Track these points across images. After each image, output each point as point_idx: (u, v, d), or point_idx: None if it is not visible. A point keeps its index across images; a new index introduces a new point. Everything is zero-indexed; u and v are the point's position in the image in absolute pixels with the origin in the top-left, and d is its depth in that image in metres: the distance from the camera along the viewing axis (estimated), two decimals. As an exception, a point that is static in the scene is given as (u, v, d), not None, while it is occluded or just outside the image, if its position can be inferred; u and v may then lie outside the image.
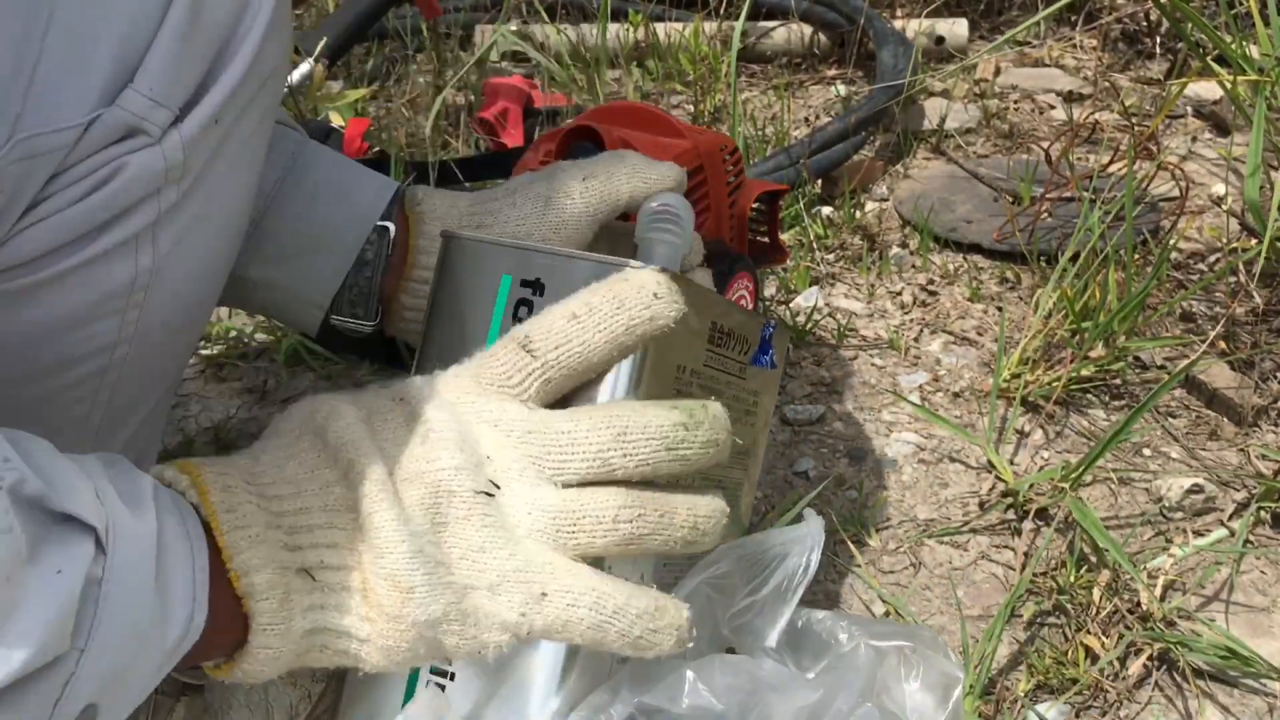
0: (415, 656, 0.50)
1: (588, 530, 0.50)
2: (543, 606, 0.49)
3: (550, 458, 0.50)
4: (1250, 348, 0.99)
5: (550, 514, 0.50)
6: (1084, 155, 1.33)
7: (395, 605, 0.48)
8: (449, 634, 0.50)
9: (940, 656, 0.65)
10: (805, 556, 0.64)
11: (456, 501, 0.50)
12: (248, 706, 0.64)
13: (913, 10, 1.66)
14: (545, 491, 0.50)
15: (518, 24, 1.62)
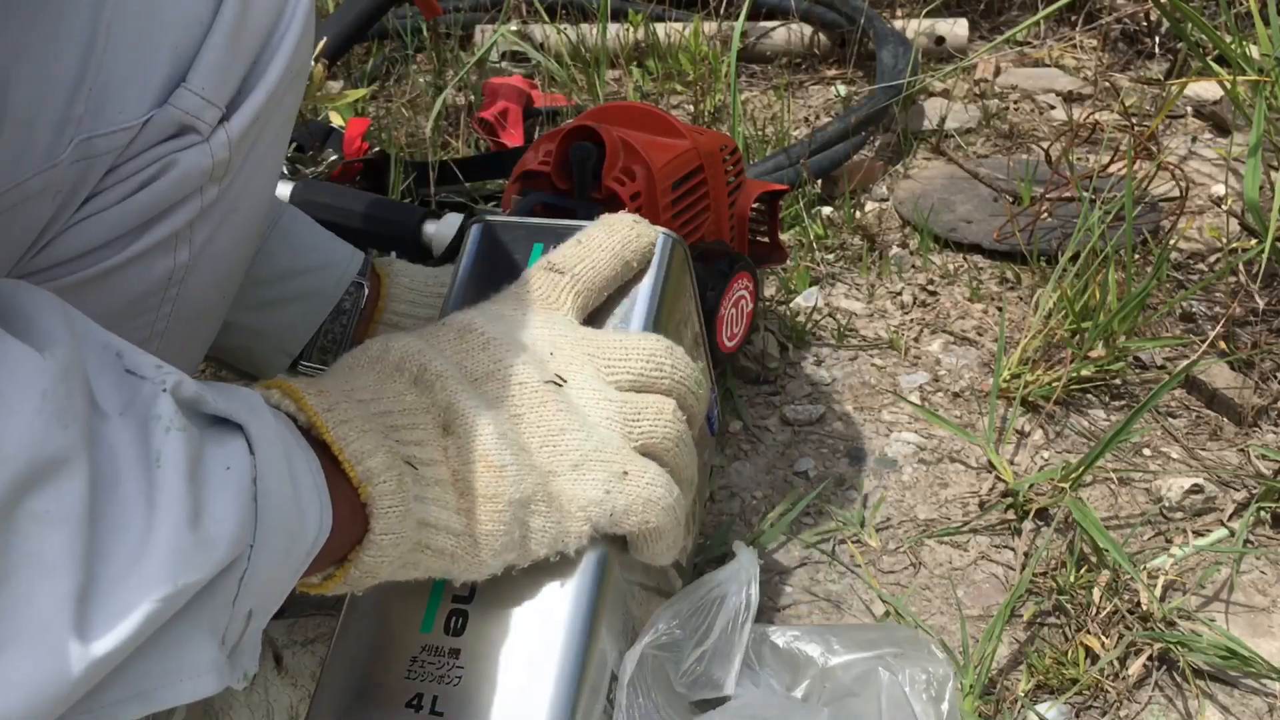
0: (509, 542, 0.50)
1: (649, 423, 0.54)
2: (625, 485, 0.53)
3: (606, 358, 0.55)
4: (1250, 348, 0.99)
5: (618, 405, 0.54)
6: (1084, 155, 1.33)
7: (489, 484, 0.49)
8: (537, 515, 0.51)
9: (925, 656, 0.65)
10: (744, 593, 0.64)
11: (528, 392, 0.52)
12: (248, 706, 0.64)
13: (913, 10, 1.66)
14: (607, 387, 0.54)
15: (518, 24, 1.62)
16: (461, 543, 0.49)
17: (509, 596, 0.54)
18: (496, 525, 0.50)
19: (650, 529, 0.54)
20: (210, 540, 0.38)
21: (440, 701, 0.51)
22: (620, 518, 0.53)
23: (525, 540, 0.51)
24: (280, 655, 0.66)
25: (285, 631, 0.67)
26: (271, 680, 0.65)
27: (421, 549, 0.49)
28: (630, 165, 0.77)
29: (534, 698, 0.51)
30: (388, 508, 0.46)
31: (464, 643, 0.53)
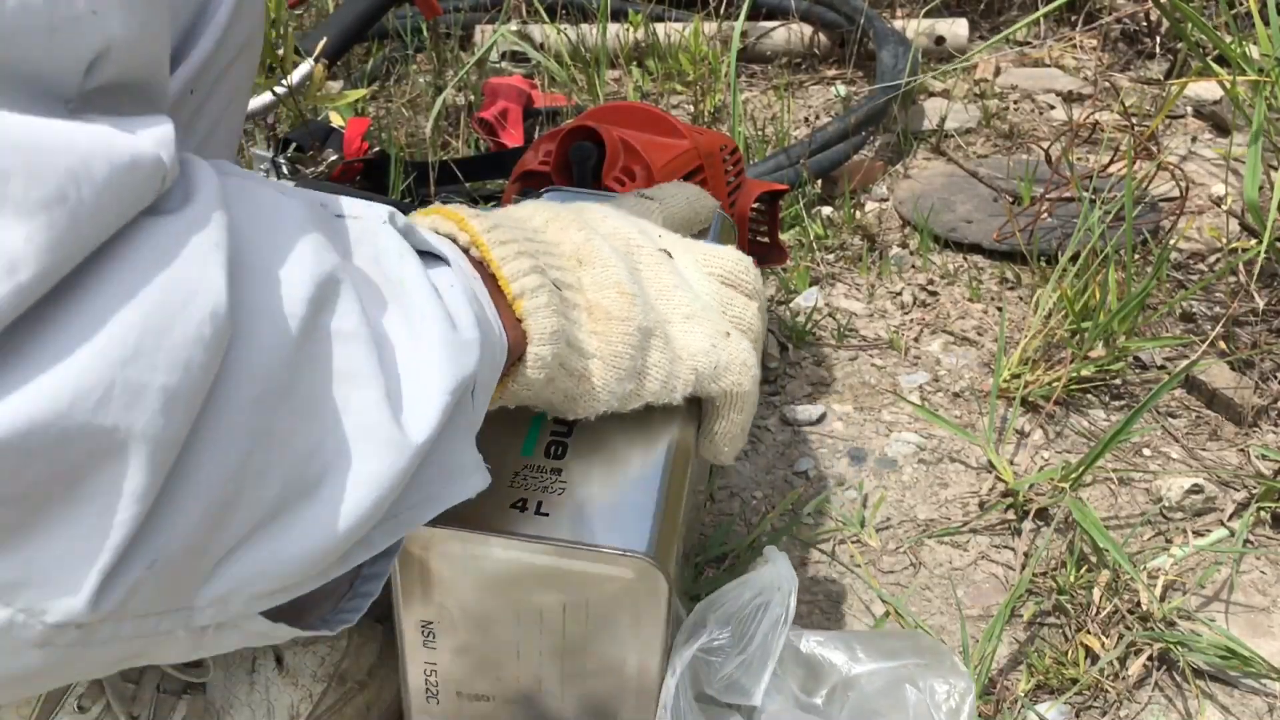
0: (631, 369, 0.54)
1: (739, 309, 0.60)
2: (727, 344, 0.58)
3: (704, 251, 0.61)
4: (1250, 348, 0.99)
5: (714, 286, 0.60)
6: (1084, 155, 1.33)
7: (621, 308, 0.53)
8: (655, 349, 0.55)
9: (946, 668, 0.65)
10: (785, 605, 0.65)
11: (645, 254, 0.58)
12: (249, 705, 0.64)
13: (912, 10, 1.66)
14: (705, 274, 0.60)
15: (517, 24, 1.62)
16: (592, 365, 0.53)
17: (604, 440, 0.58)
18: (625, 347, 0.53)
19: (740, 393, 0.58)
20: (469, 342, 0.41)
21: (545, 505, 0.54)
22: (720, 373, 0.57)
23: (643, 373, 0.55)
24: (281, 655, 0.66)
25: (285, 632, 0.67)
26: (272, 680, 0.65)
27: (561, 366, 0.52)
28: (630, 165, 0.77)
29: (639, 505, 0.54)
30: (542, 324, 0.49)
31: (565, 465, 0.56)
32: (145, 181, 0.31)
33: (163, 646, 0.35)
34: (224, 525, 0.33)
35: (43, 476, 0.29)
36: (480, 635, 0.57)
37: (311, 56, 1.22)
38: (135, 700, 0.60)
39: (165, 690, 0.61)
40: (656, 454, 0.58)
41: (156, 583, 0.32)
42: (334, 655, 0.67)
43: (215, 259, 0.32)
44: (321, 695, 0.66)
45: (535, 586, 0.54)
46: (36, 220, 0.28)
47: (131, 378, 0.29)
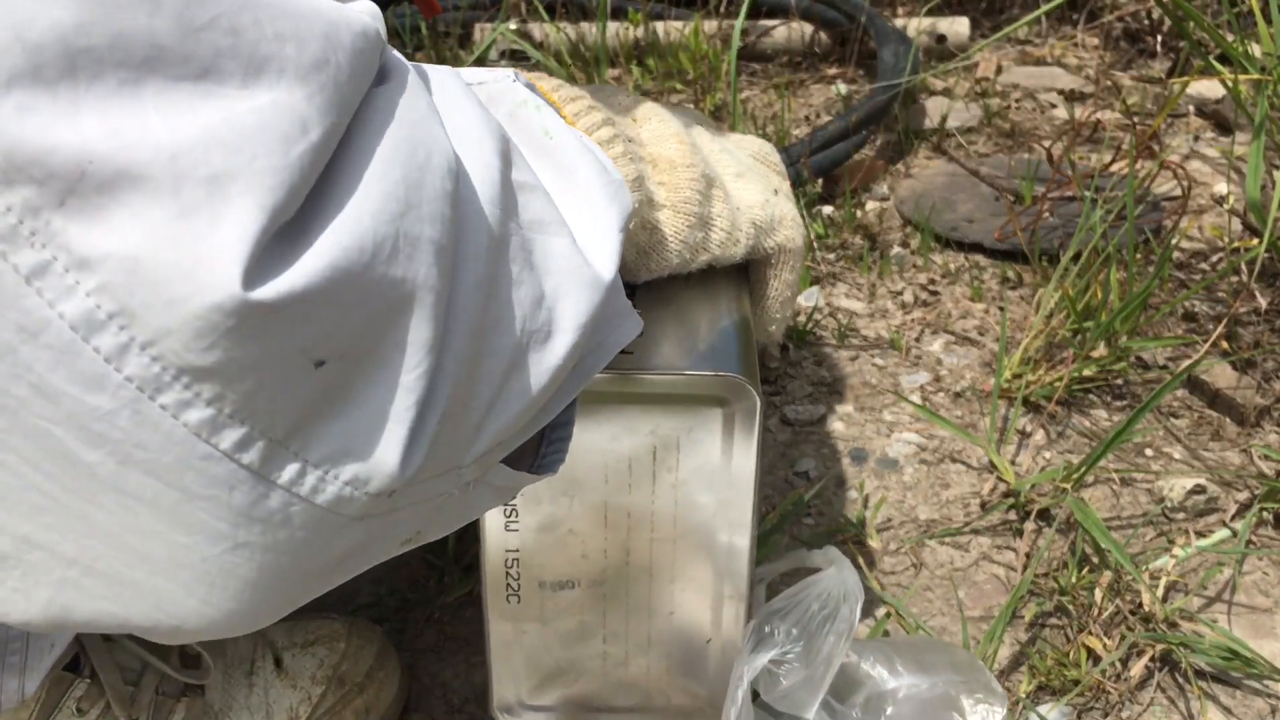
0: (700, 216, 0.55)
1: (778, 180, 0.62)
2: (778, 200, 0.60)
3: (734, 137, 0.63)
4: (1252, 347, 0.99)
5: (751, 157, 0.62)
6: (1086, 154, 1.33)
7: (684, 155, 0.54)
8: (717, 199, 0.56)
9: (981, 686, 0.65)
10: (850, 620, 0.64)
11: (688, 124, 0.58)
12: (248, 708, 0.64)
13: (914, 8, 1.66)
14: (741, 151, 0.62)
15: (517, 22, 1.62)
16: (661, 215, 0.54)
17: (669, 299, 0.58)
18: (692, 192, 0.54)
19: (794, 246, 0.60)
20: (620, 182, 0.42)
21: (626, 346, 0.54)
22: (776, 225, 0.59)
23: (709, 223, 0.56)
24: (280, 657, 0.66)
25: (285, 633, 0.67)
26: (271, 682, 0.65)
27: (637, 217, 0.53)
28: None
29: (718, 342, 0.55)
30: (624, 171, 0.50)
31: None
32: (374, 51, 0.32)
33: (440, 515, 0.36)
34: (481, 376, 0.34)
35: (357, 329, 0.30)
36: (566, 503, 0.55)
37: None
38: (134, 702, 0.59)
39: (164, 693, 0.61)
40: (719, 313, 0.58)
41: (446, 438, 0.33)
42: (332, 657, 0.67)
43: (435, 120, 0.34)
44: (320, 697, 0.65)
45: (623, 432, 0.53)
46: (313, 83, 0.29)
47: (409, 230, 0.30)
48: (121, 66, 0.27)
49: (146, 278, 0.27)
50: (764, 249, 0.59)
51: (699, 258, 0.56)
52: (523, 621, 0.60)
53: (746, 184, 0.59)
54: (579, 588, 0.58)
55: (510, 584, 0.58)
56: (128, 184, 0.26)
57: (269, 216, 0.28)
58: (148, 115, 0.27)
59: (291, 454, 0.30)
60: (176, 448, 0.28)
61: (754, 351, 0.57)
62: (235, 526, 0.30)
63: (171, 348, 0.27)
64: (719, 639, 0.60)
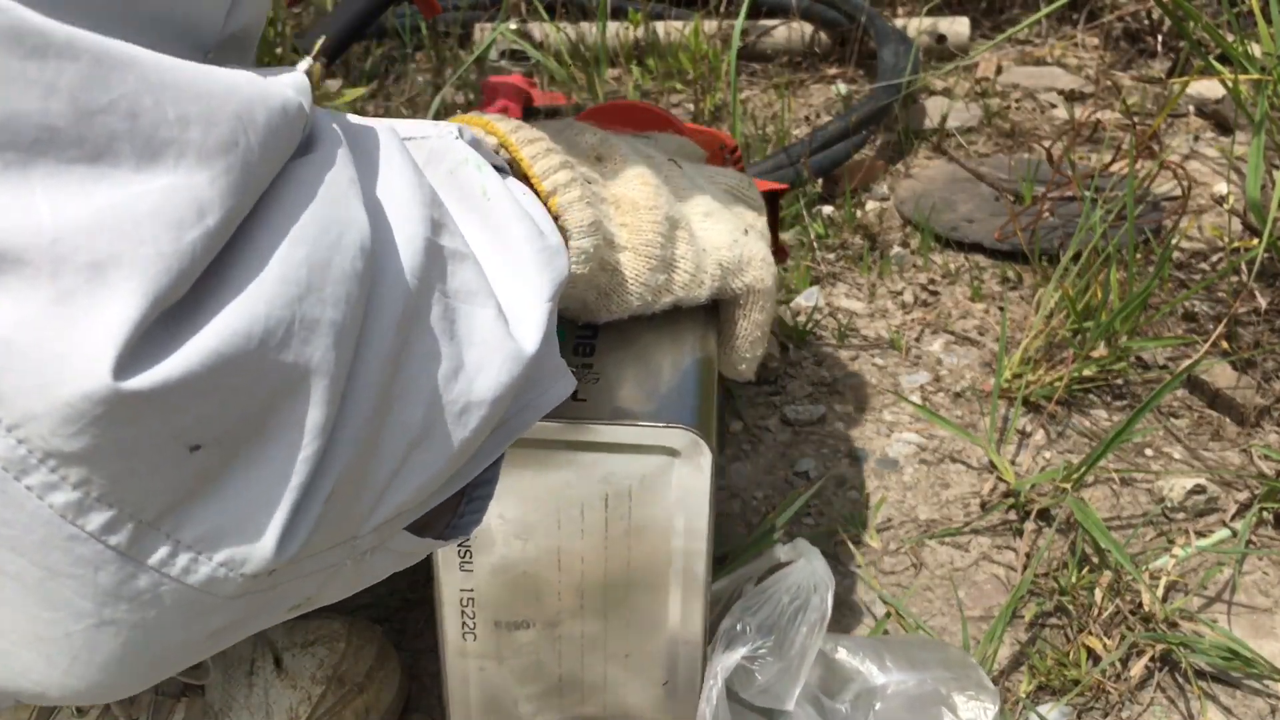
0: (662, 258, 0.54)
1: (752, 219, 0.61)
2: (748, 240, 0.59)
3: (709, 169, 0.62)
4: (1252, 347, 0.99)
5: (724, 196, 0.61)
6: (1086, 154, 1.33)
7: (648, 197, 0.54)
8: (681, 241, 0.55)
9: (973, 683, 0.65)
10: (823, 609, 0.64)
11: (657, 163, 0.58)
12: (248, 708, 0.64)
13: (914, 8, 1.66)
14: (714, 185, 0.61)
15: (517, 22, 1.62)
16: (623, 257, 0.53)
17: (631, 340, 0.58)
18: (654, 235, 0.53)
19: (763, 287, 0.59)
20: (557, 246, 0.42)
21: (581, 393, 0.54)
22: (744, 266, 0.58)
23: (672, 265, 0.55)
24: (280, 657, 0.66)
25: (285, 634, 0.67)
26: (271, 682, 0.65)
27: (598, 259, 0.52)
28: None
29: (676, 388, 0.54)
30: (579, 216, 0.49)
31: (595, 360, 0.56)
32: (294, 126, 0.32)
33: (332, 582, 0.36)
34: (383, 451, 0.34)
35: (239, 414, 0.29)
36: (520, 545, 0.55)
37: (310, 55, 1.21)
38: (134, 702, 0.59)
39: (164, 693, 0.61)
40: (683, 355, 0.57)
41: (333, 516, 0.33)
42: (332, 657, 0.67)
43: (354, 194, 0.33)
44: (320, 697, 0.65)
45: (575, 480, 0.53)
46: (216, 166, 0.28)
47: (307, 313, 0.30)
48: (9, 148, 0.26)
49: (17, 362, 0.26)
50: (732, 289, 0.58)
51: (662, 299, 0.56)
52: (479, 659, 0.60)
53: (715, 223, 0.58)
54: (534, 628, 0.58)
55: (466, 622, 0.58)
56: (6, 266, 0.26)
57: (150, 303, 0.27)
58: (33, 198, 0.26)
59: (163, 535, 0.29)
60: (42, 527, 0.28)
61: (713, 398, 0.56)
62: (101, 605, 0.30)
63: (38, 432, 0.27)
64: (675, 682, 0.60)
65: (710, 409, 0.55)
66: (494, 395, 0.37)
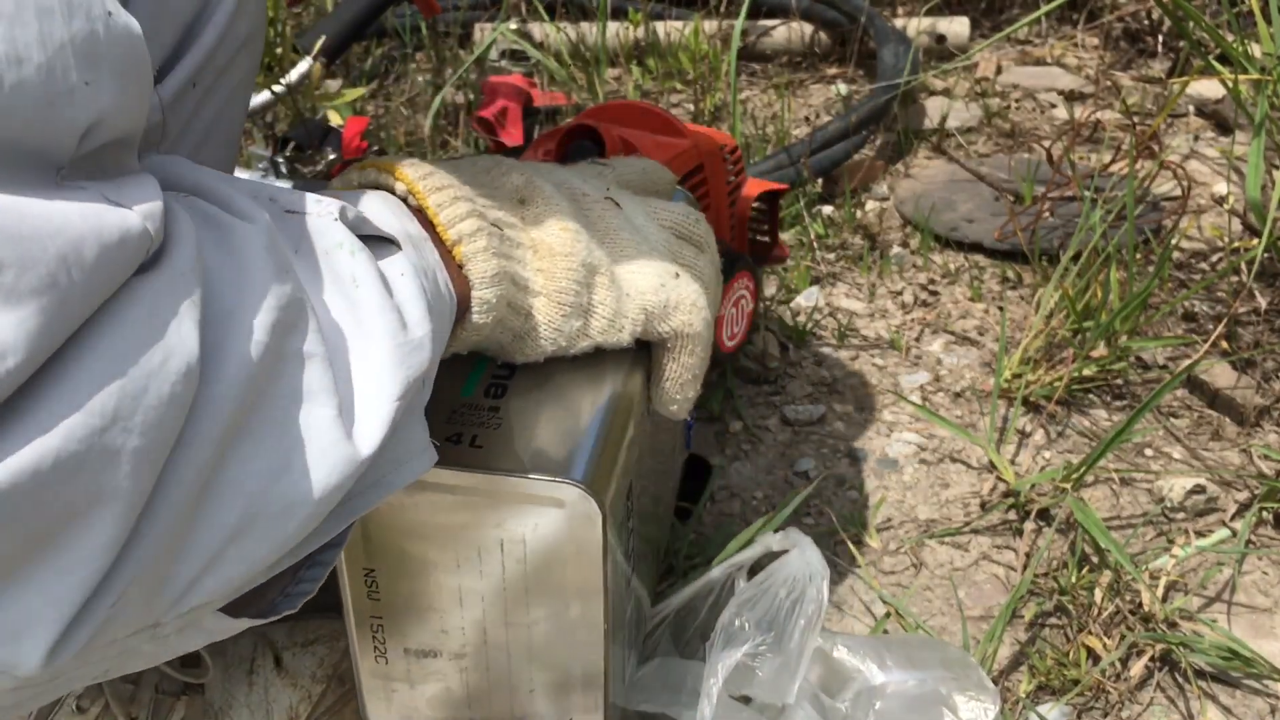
0: (578, 305, 0.54)
1: (691, 258, 0.60)
2: (678, 284, 0.57)
3: (653, 205, 0.61)
4: (1252, 347, 0.99)
5: (664, 234, 0.60)
6: (1086, 154, 1.33)
7: (565, 244, 0.53)
8: (600, 287, 0.55)
9: (973, 683, 0.65)
10: (820, 597, 0.64)
11: (591, 202, 0.58)
12: (248, 707, 0.64)
13: (913, 9, 1.66)
14: (654, 221, 0.60)
15: (517, 22, 1.62)
16: (537, 302, 0.53)
17: (547, 381, 0.58)
18: (569, 283, 0.53)
19: (691, 332, 0.58)
20: (419, 342, 0.42)
21: (480, 439, 0.54)
22: (670, 311, 0.57)
23: (589, 310, 0.55)
24: (280, 656, 0.66)
25: (285, 633, 0.67)
26: (271, 681, 0.65)
27: (509, 305, 0.52)
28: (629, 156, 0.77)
29: (575, 439, 0.54)
30: (482, 267, 0.49)
31: (503, 404, 0.56)
32: (133, 255, 0.32)
33: (131, 660, 0.36)
34: (190, 551, 0.34)
35: (17, 537, 0.29)
36: (423, 581, 0.56)
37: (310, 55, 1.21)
38: (134, 701, 0.59)
39: (164, 691, 0.61)
40: (599, 397, 0.57)
41: (125, 615, 0.33)
42: (333, 656, 0.67)
43: (189, 314, 0.33)
44: (320, 696, 0.65)
45: (471, 522, 0.54)
46: (27, 308, 0.28)
47: (108, 443, 0.30)
48: None
49: None
50: (658, 333, 0.58)
51: (579, 344, 0.55)
52: (392, 681, 0.61)
53: (643, 266, 0.57)
54: (442, 657, 0.59)
55: (377, 646, 0.59)
56: None
57: None
58: None
59: None
60: None
61: (618, 446, 0.56)
62: None
63: None
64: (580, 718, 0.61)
65: (614, 457, 0.55)
66: (319, 495, 0.37)
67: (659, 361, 0.60)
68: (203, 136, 0.55)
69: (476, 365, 0.58)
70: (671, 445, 0.75)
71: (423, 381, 0.43)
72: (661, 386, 0.60)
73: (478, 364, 0.58)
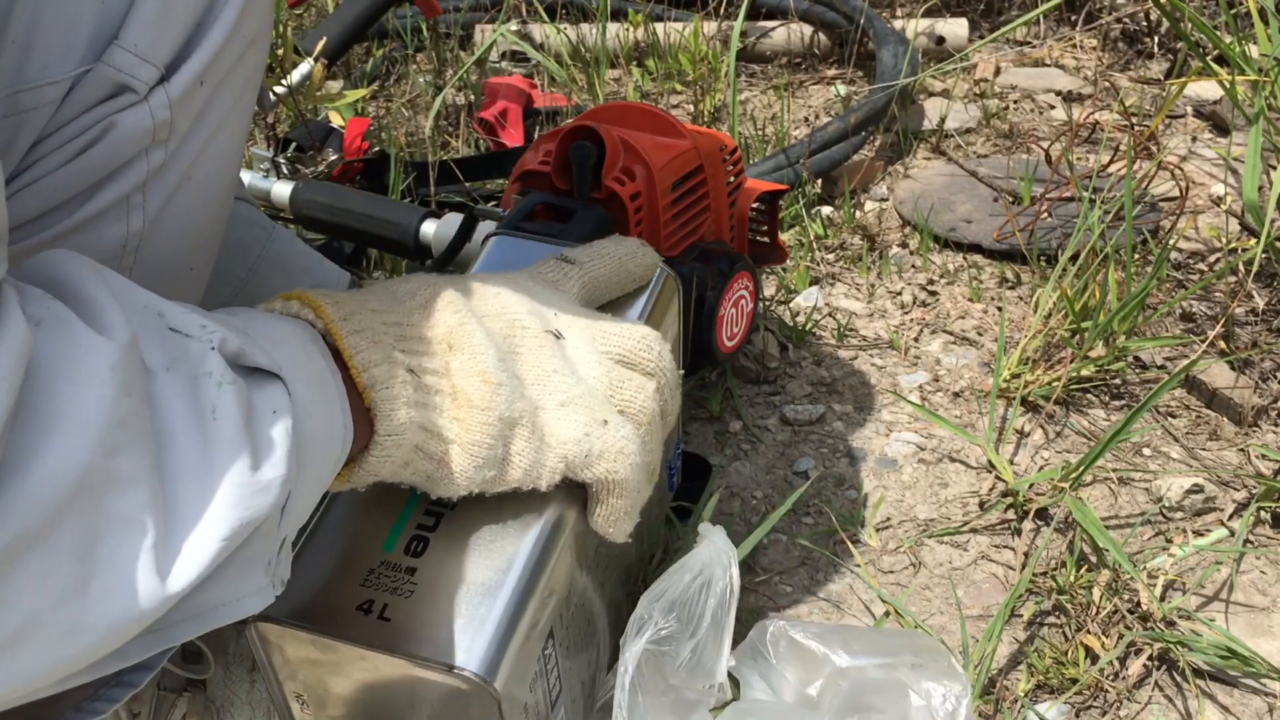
0: (491, 457, 0.53)
1: (631, 392, 0.58)
2: (603, 432, 0.56)
3: (602, 331, 0.59)
4: (1250, 347, 0.99)
5: (606, 368, 0.58)
6: (1084, 155, 1.33)
7: (484, 397, 0.53)
8: (519, 438, 0.54)
9: (944, 669, 0.65)
10: (728, 577, 0.64)
11: (529, 336, 0.57)
12: (249, 704, 0.64)
13: (912, 10, 1.66)
14: (599, 353, 0.59)
15: (517, 24, 1.62)
16: (450, 450, 0.52)
17: (470, 533, 0.57)
18: (484, 436, 0.53)
19: (616, 479, 0.57)
20: (267, 484, 0.41)
21: (390, 609, 0.54)
22: (593, 460, 0.56)
23: (505, 461, 0.54)
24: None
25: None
26: (272, 680, 0.65)
27: (417, 450, 0.52)
28: (630, 165, 0.77)
29: (482, 616, 0.54)
30: (389, 412, 0.49)
31: (421, 564, 0.56)
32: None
33: None
34: None
35: None
36: (348, 712, 0.57)
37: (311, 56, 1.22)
38: (136, 697, 0.60)
39: (165, 688, 0.61)
40: (528, 535, 0.56)
41: None
42: (334, 655, 0.67)
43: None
44: (321, 695, 0.65)
45: (383, 682, 0.54)
46: None
47: None
48: None
49: None
50: (582, 479, 0.57)
51: (495, 488, 0.56)
52: None
53: (568, 414, 0.56)
54: None
55: None
56: None
57: None
58: None
59: None
60: None
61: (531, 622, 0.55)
62: None
63: None
64: None
65: (529, 625, 0.55)
66: (112, 624, 0.36)
67: (590, 498, 0.59)
68: (211, 134, 0.55)
69: (406, 506, 0.58)
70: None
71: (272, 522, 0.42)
72: (594, 521, 0.59)
73: (408, 504, 0.58)
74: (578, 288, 0.63)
